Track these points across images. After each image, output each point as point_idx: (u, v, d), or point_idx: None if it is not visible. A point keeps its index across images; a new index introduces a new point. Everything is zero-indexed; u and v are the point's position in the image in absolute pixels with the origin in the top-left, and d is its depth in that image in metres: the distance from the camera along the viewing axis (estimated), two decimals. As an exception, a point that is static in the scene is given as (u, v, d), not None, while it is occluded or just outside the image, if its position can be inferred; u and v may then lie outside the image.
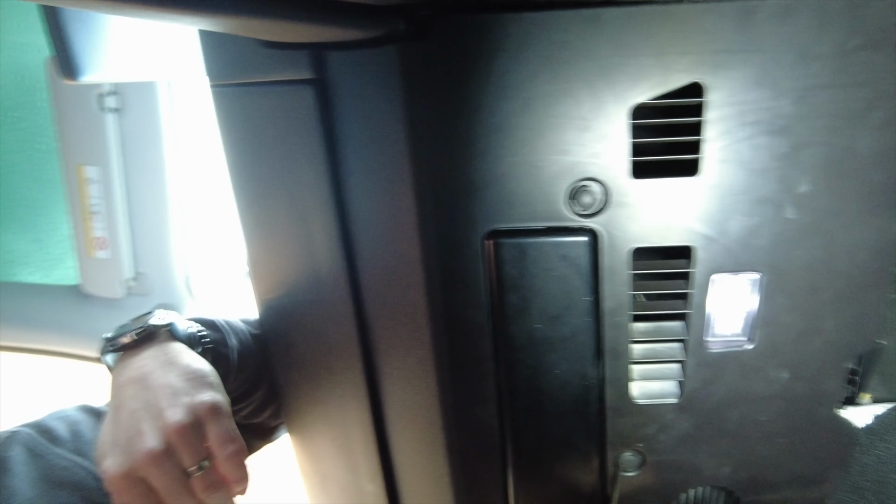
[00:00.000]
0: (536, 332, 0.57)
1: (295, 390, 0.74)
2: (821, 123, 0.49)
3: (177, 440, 0.51)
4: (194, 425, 0.52)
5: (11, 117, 1.29)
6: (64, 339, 1.33)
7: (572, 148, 0.51)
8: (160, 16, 0.35)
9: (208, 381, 0.56)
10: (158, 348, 0.58)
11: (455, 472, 0.64)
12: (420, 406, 0.63)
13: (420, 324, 0.58)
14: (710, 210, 0.52)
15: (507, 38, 0.49)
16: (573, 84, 0.50)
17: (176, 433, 0.51)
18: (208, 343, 0.63)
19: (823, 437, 0.60)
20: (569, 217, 0.54)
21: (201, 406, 0.53)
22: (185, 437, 0.51)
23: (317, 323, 0.67)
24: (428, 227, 0.55)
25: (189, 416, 0.52)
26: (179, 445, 0.51)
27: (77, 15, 0.63)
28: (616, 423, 0.60)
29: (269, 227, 0.65)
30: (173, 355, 0.57)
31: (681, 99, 0.49)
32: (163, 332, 0.60)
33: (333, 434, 0.73)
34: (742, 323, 0.56)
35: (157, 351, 0.58)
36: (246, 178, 0.64)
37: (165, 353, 0.57)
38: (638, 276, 0.56)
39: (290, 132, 0.57)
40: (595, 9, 0.48)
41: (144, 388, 0.54)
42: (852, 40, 0.47)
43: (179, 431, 0.51)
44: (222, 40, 0.58)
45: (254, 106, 0.59)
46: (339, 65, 0.53)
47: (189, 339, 0.61)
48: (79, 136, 1.20)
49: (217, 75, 0.60)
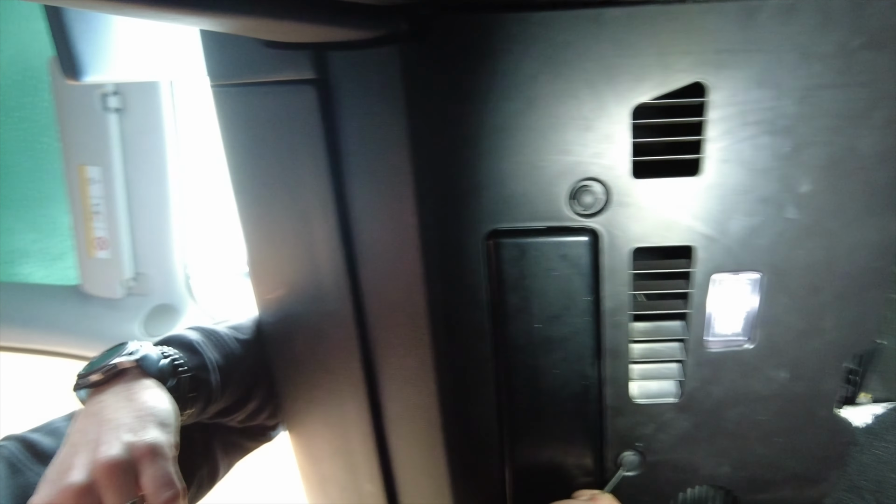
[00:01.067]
0: (536, 332, 0.57)
1: (294, 390, 0.74)
2: (823, 123, 0.49)
3: (103, 477, 0.49)
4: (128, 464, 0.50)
5: (14, 117, 1.29)
6: (64, 339, 1.33)
7: (574, 148, 0.52)
8: (162, 16, 0.35)
9: (159, 421, 0.54)
10: (124, 385, 0.57)
11: (454, 472, 0.64)
12: (420, 406, 0.63)
13: (420, 323, 0.58)
14: (711, 210, 0.52)
15: (508, 38, 0.49)
16: (575, 84, 0.50)
17: (104, 469, 0.49)
18: (185, 371, 0.62)
19: (822, 436, 0.60)
20: (570, 217, 0.54)
21: (140, 445, 0.51)
22: (112, 476, 0.49)
23: (317, 323, 0.67)
24: (429, 227, 0.55)
25: (123, 454, 0.50)
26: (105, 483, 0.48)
27: (79, 15, 0.63)
28: (615, 423, 0.60)
29: (270, 228, 0.65)
30: (134, 392, 0.56)
31: (682, 99, 0.50)
32: (132, 369, 0.59)
33: (333, 434, 0.73)
34: (742, 323, 0.56)
35: (121, 388, 0.57)
36: (247, 179, 0.64)
37: (128, 390, 0.56)
38: (638, 275, 0.56)
39: (292, 132, 0.58)
40: (597, 9, 0.48)
41: (93, 423, 0.53)
42: (854, 40, 0.47)
43: (107, 468, 0.49)
44: (224, 40, 0.58)
45: (255, 106, 0.59)
46: (341, 65, 0.54)
47: (160, 372, 0.60)
48: (81, 136, 1.20)
49: (218, 75, 0.60)
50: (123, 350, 0.60)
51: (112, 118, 1.18)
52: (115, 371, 0.58)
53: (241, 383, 0.70)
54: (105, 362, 0.58)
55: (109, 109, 1.17)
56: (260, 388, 0.74)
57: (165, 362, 0.61)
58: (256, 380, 0.73)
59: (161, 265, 1.29)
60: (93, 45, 0.65)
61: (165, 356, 0.62)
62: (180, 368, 0.62)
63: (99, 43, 0.65)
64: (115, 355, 0.59)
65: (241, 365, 0.70)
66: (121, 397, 0.56)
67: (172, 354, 0.63)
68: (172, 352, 0.63)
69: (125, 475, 0.49)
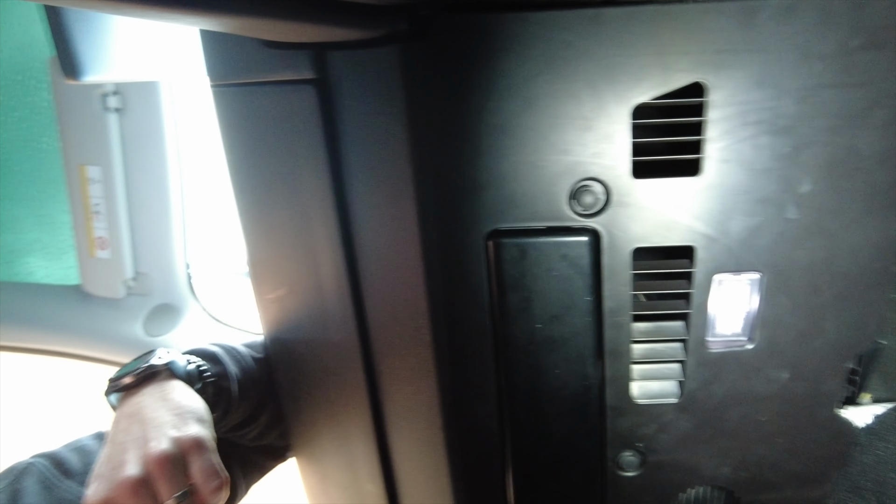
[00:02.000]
0: (537, 332, 0.57)
1: (295, 390, 0.74)
2: (823, 123, 0.49)
3: (156, 470, 0.51)
4: (177, 457, 0.52)
5: (13, 117, 1.29)
6: (64, 339, 1.33)
7: (574, 148, 0.52)
8: (161, 16, 0.35)
9: (197, 417, 0.57)
10: (156, 386, 0.60)
11: (455, 472, 0.64)
12: (420, 406, 0.63)
13: (420, 323, 0.58)
14: (712, 210, 0.52)
15: (508, 37, 0.49)
16: (575, 84, 0.50)
17: (156, 463, 0.51)
18: (209, 377, 0.65)
19: (823, 436, 0.60)
20: (570, 217, 0.54)
21: (186, 439, 0.54)
22: (164, 468, 0.51)
23: (317, 323, 0.67)
24: (429, 227, 0.55)
25: (172, 448, 0.52)
26: (158, 476, 0.51)
27: (79, 15, 0.63)
28: (616, 423, 0.60)
29: (270, 228, 0.65)
30: (168, 392, 0.59)
31: (682, 99, 0.50)
32: (163, 371, 0.61)
33: (333, 434, 0.73)
34: (742, 323, 0.56)
35: (154, 389, 0.60)
36: (247, 179, 0.64)
37: (162, 390, 0.59)
38: (639, 275, 0.56)
39: (292, 132, 0.57)
40: (596, 8, 0.48)
41: (136, 421, 0.56)
42: (854, 40, 0.47)
43: (160, 462, 0.51)
44: (223, 40, 0.58)
45: (255, 106, 0.59)
46: (341, 65, 0.53)
47: (188, 376, 0.63)
48: (81, 135, 1.20)
49: (218, 75, 0.60)
50: (152, 356, 0.63)
51: (112, 118, 1.18)
52: (147, 373, 0.61)
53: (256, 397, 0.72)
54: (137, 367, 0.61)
55: (109, 109, 1.17)
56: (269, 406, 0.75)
57: (192, 367, 0.64)
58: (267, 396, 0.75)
59: (162, 265, 1.29)
60: (93, 45, 0.65)
61: (191, 363, 0.65)
62: (205, 374, 0.65)
63: (99, 43, 0.65)
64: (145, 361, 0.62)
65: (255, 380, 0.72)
66: (156, 397, 0.59)
67: (197, 362, 0.66)
68: (197, 359, 0.66)
69: (176, 467, 0.52)
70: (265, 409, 0.75)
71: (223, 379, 0.67)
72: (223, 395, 0.66)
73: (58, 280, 1.39)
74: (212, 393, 0.64)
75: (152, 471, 0.51)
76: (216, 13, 0.37)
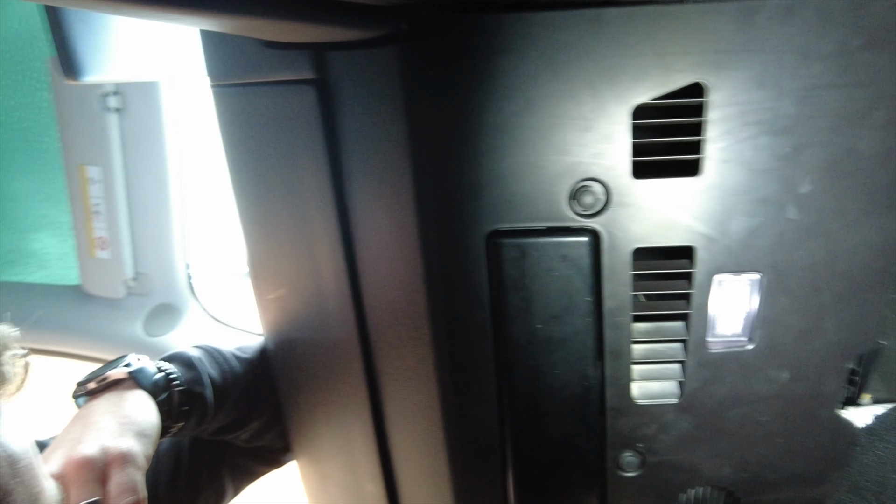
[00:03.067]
0: (537, 333, 0.57)
1: (295, 390, 0.74)
2: (823, 123, 0.49)
3: (72, 472, 0.51)
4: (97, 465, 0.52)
5: (13, 117, 1.29)
6: (64, 339, 1.33)
7: (574, 148, 0.51)
8: (161, 16, 0.35)
9: (138, 431, 0.57)
10: (115, 394, 0.60)
11: (455, 472, 0.64)
12: (420, 406, 0.63)
13: (421, 324, 0.58)
14: (712, 210, 0.52)
15: (508, 38, 0.49)
16: (574, 84, 0.50)
17: (74, 466, 0.51)
18: (178, 386, 0.65)
19: (823, 437, 0.60)
20: (570, 217, 0.54)
21: (115, 450, 0.53)
22: (80, 473, 0.51)
23: (317, 323, 0.67)
24: (429, 228, 0.55)
25: (97, 455, 0.52)
26: (72, 479, 0.51)
27: (79, 15, 0.63)
28: (616, 424, 0.60)
29: (270, 228, 0.65)
30: (122, 402, 0.60)
31: (682, 99, 0.49)
32: (126, 380, 0.62)
33: (333, 434, 0.73)
34: (743, 323, 0.56)
35: (112, 396, 0.60)
36: (246, 179, 0.64)
37: (118, 399, 0.60)
38: (639, 276, 0.56)
39: (291, 132, 0.57)
40: (596, 9, 0.48)
41: (80, 425, 0.57)
42: (854, 40, 0.47)
43: (78, 465, 0.51)
44: (223, 40, 0.58)
45: (254, 106, 0.59)
46: (341, 65, 0.53)
47: (154, 385, 0.63)
48: (81, 135, 1.20)
49: (218, 75, 0.60)
50: (122, 362, 0.63)
51: (112, 118, 1.18)
52: (108, 381, 0.61)
53: (242, 400, 0.72)
54: (103, 373, 0.62)
55: (109, 109, 1.17)
56: (264, 406, 0.75)
57: (160, 376, 0.64)
58: (259, 398, 0.74)
59: (162, 265, 1.29)
60: (92, 44, 0.65)
61: (161, 370, 0.65)
62: (174, 382, 0.65)
63: (98, 43, 0.65)
64: (113, 367, 0.63)
65: (240, 382, 0.72)
66: (110, 405, 0.59)
67: (168, 369, 0.66)
68: (169, 367, 0.66)
69: (93, 474, 0.51)
70: (256, 409, 0.74)
71: (196, 384, 0.67)
72: (196, 401, 0.66)
73: (58, 280, 1.39)
74: (180, 402, 0.64)
75: (69, 472, 0.51)
76: (216, 13, 0.37)
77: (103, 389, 0.61)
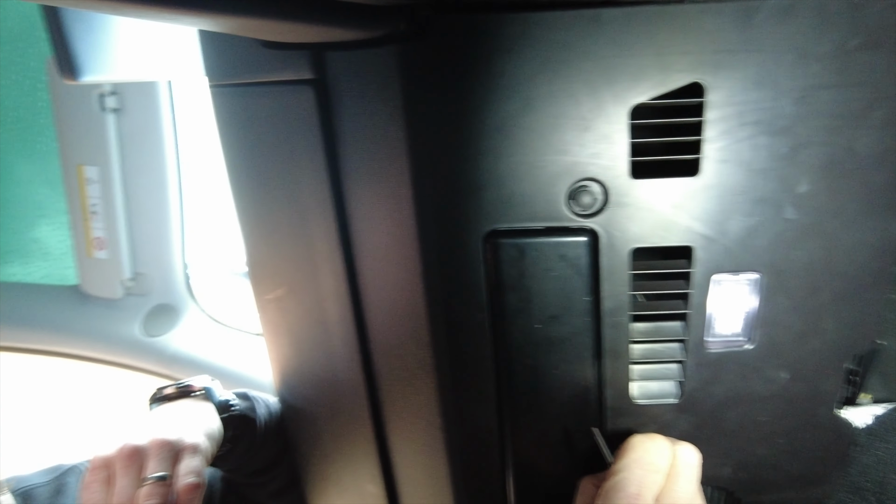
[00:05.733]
0: (536, 333, 0.57)
1: (293, 389, 0.74)
2: (821, 123, 0.49)
3: (153, 447, 0.60)
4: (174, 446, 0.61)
5: (11, 117, 1.29)
6: (63, 339, 1.33)
7: (572, 148, 0.51)
8: (160, 16, 0.35)
9: (208, 433, 0.66)
10: (190, 402, 0.71)
11: (455, 472, 0.64)
12: (419, 406, 0.63)
13: (419, 324, 0.58)
14: (710, 210, 0.52)
15: (507, 38, 0.49)
16: (573, 84, 0.50)
17: (156, 441, 0.60)
18: (236, 410, 0.74)
19: (823, 437, 0.60)
20: (568, 217, 0.54)
21: (189, 439, 0.62)
22: (159, 448, 0.60)
23: (315, 323, 0.67)
24: (427, 228, 0.55)
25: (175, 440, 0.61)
26: (152, 452, 0.60)
27: (77, 15, 0.63)
28: (616, 424, 0.60)
29: (269, 228, 0.65)
30: (196, 409, 0.69)
31: (681, 99, 0.49)
32: (200, 392, 0.72)
33: (332, 434, 0.73)
34: (742, 323, 0.56)
35: (187, 403, 0.70)
36: (245, 179, 0.64)
37: (192, 405, 0.70)
38: (637, 276, 0.56)
39: (290, 133, 0.57)
40: (595, 9, 0.48)
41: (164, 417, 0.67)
42: (852, 40, 0.47)
43: (159, 442, 0.60)
44: (222, 40, 0.58)
45: (253, 106, 0.59)
46: (339, 65, 0.53)
47: (220, 403, 0.72)
48: (79, 136, 1.20)
49: (217, 75, 0.60)
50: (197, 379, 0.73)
51: (110, 118, 1.18)
52: (187, 390, 0.72)
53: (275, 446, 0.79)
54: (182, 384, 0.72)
55: (107, 109, 1.17)
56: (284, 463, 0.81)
57: (222, 399, 0.73)
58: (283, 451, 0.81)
59: (160, 265, 1.29)
60: (91, 45, 0.64)
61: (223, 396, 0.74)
62: (233, 407, 0.74)
63: (97, 43, 0.65)
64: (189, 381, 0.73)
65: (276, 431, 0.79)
66: (185, 409, 0.69)
67: (229, 396, 0.75)
68: (230, 394, 0.76)
69: (168, 453, 0.60)
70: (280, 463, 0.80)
71: (250, 411, 0.75)
72: (248, 426, 0.74)
73: (56, 280, 1.39)
74: (236, 425, 0.72)
75: (150, 446, 0.60)
76: (215, 13, 0.37)
77: (179, 397, 0.71)
